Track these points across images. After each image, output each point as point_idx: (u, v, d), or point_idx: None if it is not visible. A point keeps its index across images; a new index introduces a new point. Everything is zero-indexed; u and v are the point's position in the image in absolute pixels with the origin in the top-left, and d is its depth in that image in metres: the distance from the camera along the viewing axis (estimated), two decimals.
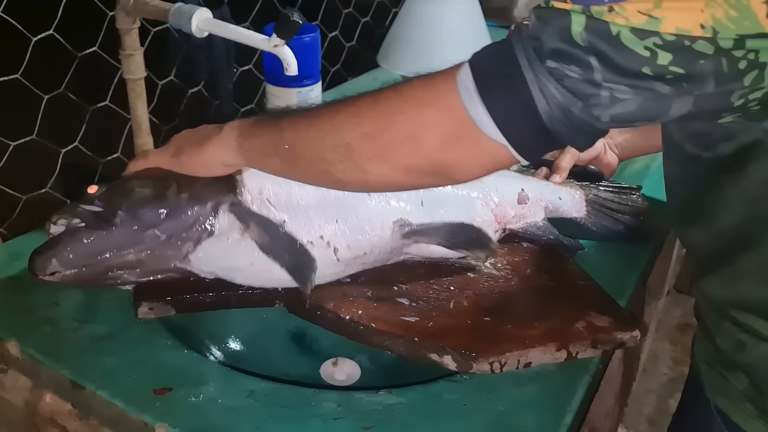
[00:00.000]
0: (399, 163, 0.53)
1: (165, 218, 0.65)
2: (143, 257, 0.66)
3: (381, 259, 0.76)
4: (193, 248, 0.67)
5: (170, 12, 0.84)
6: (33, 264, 0.64)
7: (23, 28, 0.86)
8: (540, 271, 0.79)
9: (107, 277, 0.66)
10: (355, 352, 0.77)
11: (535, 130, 0.47)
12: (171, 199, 0.66)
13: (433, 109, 0.50)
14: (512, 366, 0.66)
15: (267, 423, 0.61)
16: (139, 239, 0.65)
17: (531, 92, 0.46)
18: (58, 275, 0.64)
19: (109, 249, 0.64)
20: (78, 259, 0.64)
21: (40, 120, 0.91)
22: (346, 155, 0.54)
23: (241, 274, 0.70)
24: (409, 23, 1.37)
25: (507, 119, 0.47)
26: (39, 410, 0.69)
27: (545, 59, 0.45)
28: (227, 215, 0.68)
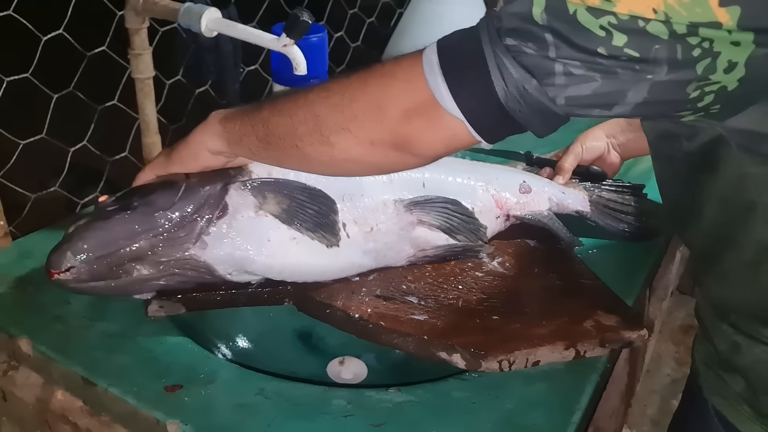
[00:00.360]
0: (363, 137, 0.55)
1: (176, 200, 0.66)
2: (158, 242, 0.66)
3: (390, 243, 0.75)
4: (207, 228, 0.67)
5: (179, 12, 0.84)
6: (48, 262, 0.64)
7: (33, 28, 0.86)
8: (547, 271, 0.79)
9: (122, 270, 0.65)
10: (362, 351, 0.77)
11: (492, 109, 0.48)
12: (180, 183, 0.68)
13: (398, 81, 0.52)
14: (521, 364, 0.66)
15: (277, 420, 0.61)
16: (152, 223, 0.65)
17: (489, 68, 0.47)
18: (74, 271, 0.63)
19: (123, 235, 0.65)
20: (93, 248, 0.64)
21: (50, 119, 0.92)
22: (315, 127, 0.57)
23: (258, 255, 0.69)
24: (414, 24, 1.37)
25: (465, 95, 0.49)
26: (50, 407, 0.69)
27: (504, 37, 0.46)
28: (239, 192, 0.68)
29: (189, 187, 0.67)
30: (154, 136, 1.00)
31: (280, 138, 0.60)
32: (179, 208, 0.66)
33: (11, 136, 0.87)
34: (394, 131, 0.53)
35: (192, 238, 0.67)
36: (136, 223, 0.65)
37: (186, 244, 0.67)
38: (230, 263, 0.69)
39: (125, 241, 0.65)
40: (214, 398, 0.63)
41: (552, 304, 0.73)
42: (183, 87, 1.12)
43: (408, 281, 0.76)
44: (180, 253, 0.67)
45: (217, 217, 0.68)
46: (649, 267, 0.86)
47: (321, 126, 0.56)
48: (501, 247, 0.83)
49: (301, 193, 0.69)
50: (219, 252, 0.68)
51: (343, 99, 0.55)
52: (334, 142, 0.56)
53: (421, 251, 0.77)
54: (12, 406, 0.73)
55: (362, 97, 0.54)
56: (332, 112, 0.56)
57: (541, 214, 0.85)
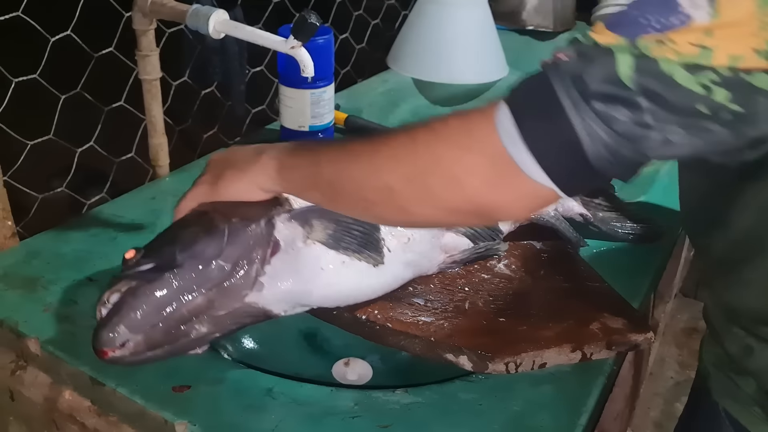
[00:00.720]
0: (442, 206, 0.53)
1: (225, 246, 0.61)
2: (213, 295, 0.60)
3: (424, 251, 0.74)
4: (261, 269, 0.62)
5: (187, 13, 0.84)
6: (99, 339, 0.57)
7: (42, 29, 0.87)
8: (553, 273, 0.79)
9: (180, 333, 0.60)
10: (367, 353, 0.77)
11: (581, 170, 0.46)
12: (223, 226, 0.62)
13: (474, 154, 0.49)
14: (527, 367, 0.66)
15: (285, 421, 0.61)
16: (204, 276, 0.60)
17: (577, 135, 0.44)
18: (129, 345, 0.57)
19: (176, 297, 0.59)
20: (147, 317, 0.57)
21: (57, 119, 0.92)
22: (388, 197, 0.54)
23: (315, 286, 0.65)
24: (419, 26, 1.38)
25: (552, 162, 0.46)
26: (58, 406, 0.69)
27: (591, 101, 0.43)
28: (286, 224, 0.65)
29: (233, 229, 0.62)
30: (160, 137, 1.00)
31: (349, 200, 0.58)
32: (230, 255, 0.61)
33: (19, 136, 0.88)
34: (475, 202, 0.51)
35: (249, 283, 0.62)
36: (186, 280, 0.59)
37: (244, 290, 0.62)
38: (288, 301, 0.65)
39: (179, 303, 0.59)
40: (222, 398, 0.63)
41: (558, 306, 0.73)
42: (189, 88, 1.13)
43: (414, 283, 0.76)
44: (239, 302, 0.62)
45: (270, 254, 0.63)
46: (654, 270, 0.86)
47: (394, 197, 0.54)
48: (507, 250, 0.83)
49: (345, 215, 0.65)
50: (277, 292, 0.63)
51: (416, 172, 0.52)
52: (412, 211, 0.54)
53: (449, 257, 0.78)
54: (20, 405, 0.73)
55: (437, 170, 0.51)
56: (406, 184, 0.53)
57: (548, 214, 0.86)
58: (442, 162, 0.51)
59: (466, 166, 0.50)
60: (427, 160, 0.52)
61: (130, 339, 0.57)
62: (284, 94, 1.06)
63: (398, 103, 1.33)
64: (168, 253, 0.60)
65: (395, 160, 0.54)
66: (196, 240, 0.61)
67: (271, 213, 0.65)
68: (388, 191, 0.54)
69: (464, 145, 0.50)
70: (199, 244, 0.60)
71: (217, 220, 0.62)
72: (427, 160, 0.52)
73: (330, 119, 1.10)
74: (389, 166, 0.54)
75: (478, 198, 0.51)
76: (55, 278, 0.78)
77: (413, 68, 1.38)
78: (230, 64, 1.13)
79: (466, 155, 0.50)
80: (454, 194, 0.51)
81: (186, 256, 0.60)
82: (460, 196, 0.51)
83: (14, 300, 0.74)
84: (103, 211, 0.91)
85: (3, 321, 0.72)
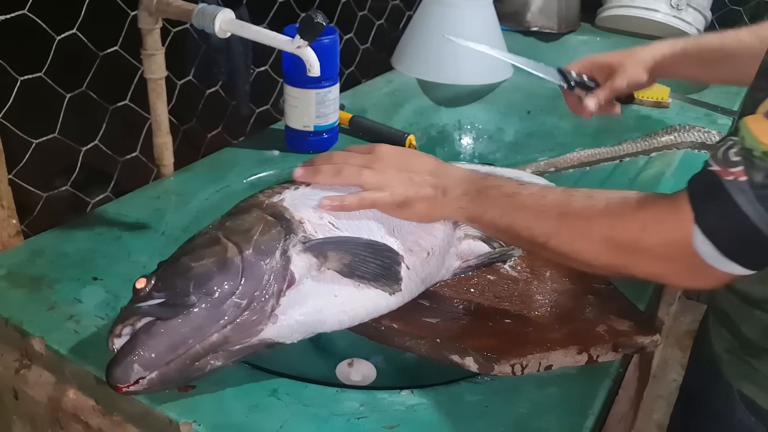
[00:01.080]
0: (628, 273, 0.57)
1: (241, 283, 0.59)
2: (228, 332, 0.59)
3: (441, 262, 0.74)
4: (276, 303, 0.61)
5: (193, 13, 0.84)
6: (112, 376, 0.57)
7: (48, 27, 0.86)
8: (559, 275, 0.79)
9: (194, 368, 0.59)
10: (371, 354, 0.77)
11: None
12: (238, 260, 0.61)
13: (674, 262, 0.53)
14: (533, 368, 0.66)
15: (290, 421, 0.61)
16: (219, 315, 0.58)
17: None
18: (143, 382, 0.57)
19: (191, 334, 0.58)
20: (161, 356, 0.57)
21: (62, 118, 0.92)
22: (577, 256, 0.59)
23: (329, 314, 0.65)
24: (424, 26, 1.37)
25: (755, 264, 0.50)
26: (62, 406, 0.69)
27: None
28: (300, 256, 0.63)
29: (248, 264, 0.61)
30: (165, 136, 1.00)
31: (541, 248, 0.62)
32: (246, 292, 0.59)
33: (24, 135, 0.87)
34: (652, 272, 0.56)
35: (265, 318, 0.61)
36: (201, 318, 0.58)
37: (259, 326, 0.61)
38: (302, 331, 0.64)
39: (195, 340, 0.58)
40: (227, 398, 0.63)
41: (565, 308, 0.73)
42: (194, 87, 1.13)
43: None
44: (254, 337, 0.61)
45: (286, 288, 0.62)
46: None
47: (582, 255, 0.59)
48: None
49: (364, 249, 0.65)
50: (292, 323, 0.62)
51: (615, 259, 0.57)
52: (598, 265, 0.59)
53: (464, 262, 0.77)
54: (23, 404, 0.73)
55: (637, 267, 0.56)
56: (598, 248, 0.57)
57: None
58: (641, 263, 0.55)
59: (665, 268, 0.54)
60: (626, 254, 0.56)
61: (143, 376, 0.57)
62: (289, 93, 1.06)
63: (402, 103, 1.33)
64: (181, 288, 0.59)
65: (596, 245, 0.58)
66: (211, 276, 0.59)
67: (287, 243, 0.63)
68: (576, 253, 0.59)
69: (669, 257, 0.53)
70: (215, 281, 0.59)
71: (231, 252, 0.61)
72: (627, 255, 0.56)
73: (335, 119, 1.10)
74: (593, 251, 0.58)
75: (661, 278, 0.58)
76: (59, 277, 0.78)
77: (418, 69, 1.38)
78: (235, 63, 1.13)
79: (665, 264, 0.54)
80: (644, 269, 0.56)
81: (201, 294, 0.58)
82: (646, 270, 0.56)
83: (19, 299, 0.74)
84: (107, 210, 0.91)
85: (7, 320, 0.71)
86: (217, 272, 0.60)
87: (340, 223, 0.68)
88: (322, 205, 0.67)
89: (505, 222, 0.63)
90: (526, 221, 0.61)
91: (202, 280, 0.59)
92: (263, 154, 1.08)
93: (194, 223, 0.91)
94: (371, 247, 0.66)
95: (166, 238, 0.87)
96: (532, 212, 0.61)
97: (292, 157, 1.08)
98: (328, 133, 1.10)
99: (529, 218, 0.61)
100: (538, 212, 0.61)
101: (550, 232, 0.60)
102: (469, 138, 1.33)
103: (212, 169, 1.03)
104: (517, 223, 0.62)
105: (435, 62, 1.35)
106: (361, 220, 0.69)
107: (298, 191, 0.70)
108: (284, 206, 0.68)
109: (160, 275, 0.61)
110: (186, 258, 0.62)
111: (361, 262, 0.65)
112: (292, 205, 0.68)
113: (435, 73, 1.36)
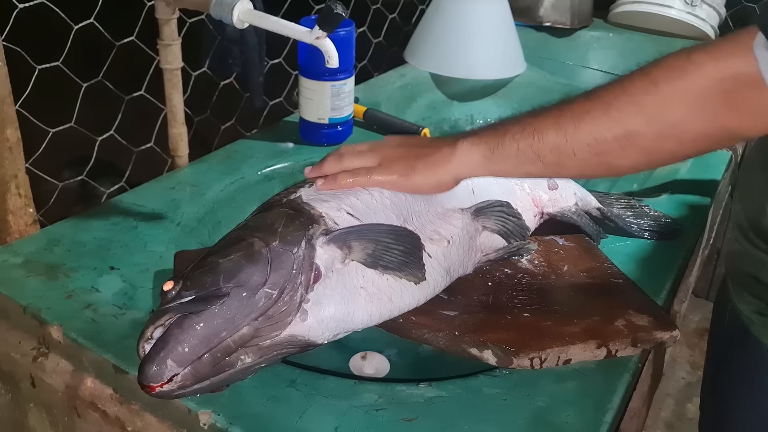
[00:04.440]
0: (688, 137, 0.56)
1: (270, 273, 0.60)
2: (259, 324, 0.59)
3: (463, 253, 0.73)
4: (305, 294, 0.61)
5: (211, 3, 0.84)
6: (146, 375, 0.55)
7: (66, 16, 0.86)
8: (577, 269, 0.79)
9: (226, 364, 0.58)
10: (384, 346, 0.77)
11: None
12: (265, 251, 0.61)
13: (727, 80, 0.53)
14: (552, 362, 0.66)
15: (309, 412, 0.61)
16: (251, 305, 0.58)
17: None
18: (177, 379, 0.56)
19: (223, 326, 0.57)
20: (194, 349, 0.56)
21: (78, 108, 0.92)
22: (629, 143, 0.57)
23: (357, 307, 0.64)
24: (437, 20, 1.37)
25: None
26: (80, 394, 0.69)
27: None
28: (325, 248, 0.64)
29: (276, 254, 0.61)
30: (180, 126, 1.00)
31: (580, 159, 0.60)
32: (276, 281, 0.59)
33: (41, 123, 0.87)
34: (723, 126, 0.55)
35: (294, 310, 0.61)
36: (233, 310, 0.58)
37: (289, 317, 0.60)
38: (333, 327, 0.63)
39: (227, 333, 0.57)
40: (246, 389, 0.63)
41: (583, 302, 0.73)
42: (209, 78, 1.13)
43: None
44: (284, 330, 0.60)
45: (313, 281, 0.62)
46: (677, 268, 0.86)
47: (638, 140, 0.57)
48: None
49: (386, 235, 0.65)
50: (321, 318, 0.62)
51: (659, 109, 0.56)
52: (654, 149, 0.57)
53: (484, 256, 0.77)
54: (41, 392, 0.73)
55: (684, 103, 0.55)
56: (649, 126, 0.56)
57: (569, 209, 0.86)
58: (689, 94, 0.54)
59: (717, 91, 0.53)
60: (671, 95, 0.55)
61: (177, 373, 0.56)
62: (304, 85, 1.06)
63: (415, 97, 1.33)
64: (211, 283, 0.59)
65: (636, 106, 0.56)
66: (240, 268, 0.59)
67: (310, 233, 0.64)
68: (627, 138, 0.57)
69: (715, 75, 0.53)
70: (244, 272, 0.59)
71: (257, 245, 0.61)
72: (671, 96, 0.55)
73: (349, 112, 1.10)
74: (629, 112, 0.57)
75: (725, 122, 0.54)
76: (76, 266, 0.78)
77: (430, 63, 1.37)
78: (249, 55, 1.13)
79: (718, 83, 0.53)
80: (702, 122, 0.55)
81: (232, 285, 0.58)
82: (708, 122, 0.54)
83: (36, 287, 0.74)
84: (122, 200, 0.91)
85: (26, 307, 0.72)
86: (246, 264, 0.60)
87: (359, 213, 0.68)
88: (308, 178, 0.71)
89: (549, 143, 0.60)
90: (589, 134, 0.58)
91: (232, 272, 0.59)
92: (277, 146, 1.08)
93: (209, 214, 0.91)
94: (393, 232, 0.67)
95: (182, 229, 0.87)
96: (592, 121, 0.58)
97: (306, 150, 1.08)
98: (342, 125, 1.09)
99: (595, 129, 0.58)
100: (599, 116, 0.58)
101: (629, 131, 0.57)
102: None
103: (227, 161, 1.03)
104: (577, 139, 0.59)
105: (448, 56, 1.35)
106: (379, 209, 0.69)
107: (312, 188, 0.71)
108: (303, 201, 0.69)
109: (187, 275, 0.61)
110: (213, 257, 0.62)
111: (384, 249, 0.65)
112: (310, 200, 0.69)
113: (448, 67, 1.36)
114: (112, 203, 0.90)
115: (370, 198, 0.70)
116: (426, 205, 0.72)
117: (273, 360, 0.62)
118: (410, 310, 0.69)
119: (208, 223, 0.90)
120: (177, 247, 0.81)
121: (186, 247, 0.82)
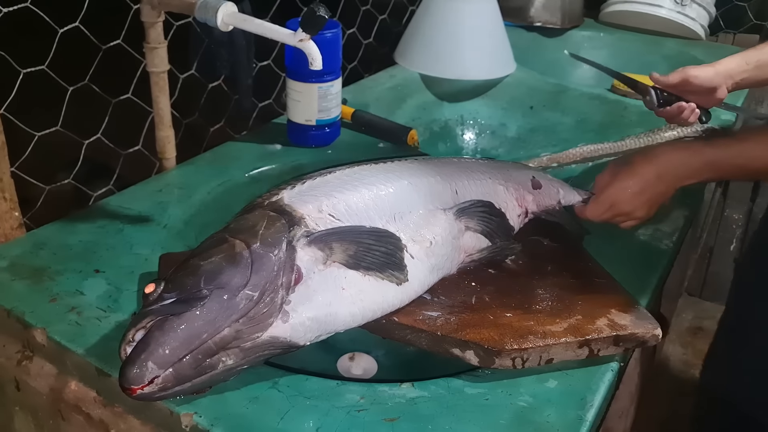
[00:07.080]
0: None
1: (251, 275, 0.60)
2: (240, 326, 0.59)
3: (446, 253, 0.74)
4: (287, 296, 0.61)
5: (196, 6, 0.84)
6: (126, 377, 0.55)
7: (50, 20, 0.87)
8: (561, 269, 0.79)
9: (207, 366, 0.58)
10: (372, 347, 0.77)
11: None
12: (246, 253, 0.61)
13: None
14: (534, 362, 0.66)
15: (291, 413, 0.61)
16: (232, 307, 0.58)
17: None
18: (158, 381, 0.55)
19: (204, 327, 0.57)
20: (175, 351, 0.56)
21: (65, 111, 0.92)
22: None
23: (339, 308, 0.64)
24: (427, 21, 1.37)
25: None
26: (64, 397, 0.69)
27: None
28: (306, 250, 0.64)
29: (257, 256, 0.61)
30: (167, 129, 1.00)
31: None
32: (257, 283, 0.59)
33: (27, 127, 0.87)
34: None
35: (275, 311, 0.60)
36: (213, 312, 0.58)
37: (270, 319, 0.60)
38: (315, 328, 0.63)
39: (208, 335, 0.57)
40: (228, 390, 0.63)
41: (565, 302, 0.73)
42: (196, 81, 1.13)
43: None
44: (265, 332, 0.60)
45: (294, 283, 0.62)
46: (663, 267, 0.86)
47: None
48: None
49: (368, 236, 0.66)
50: (303, 320, 0.62)
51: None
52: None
53: (468, 256, 0.78)
54: (25, 395, 0.73)
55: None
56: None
57: (553, 208, 0.87)
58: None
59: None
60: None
61: (158, 375, 0.55)
62: (291, 87, 1.06)
63: (405, 98, 1.33)
64: (192, 285, 0.59)
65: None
66: (221, 270, 0.60)
67: (291, 235, 0.64)
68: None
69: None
70: (225, 274, 0.59)
71: (238, 247, 0.62)
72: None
73: (337, 113, 1.10)
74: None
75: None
76: (61, 269, 0.78)
77: (420, 64, 1.37)
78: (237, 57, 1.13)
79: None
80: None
81: (212, 287, 0.58)
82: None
83: (21, 290, 0.74)
84: (109, 203, 0.91)
85: (10, 311, 0.72)
86: (227, 266, 0.60)
87: (340, 215, 0.69)
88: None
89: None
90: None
91: (212, 274, 0.59)
92: (265, 148, 1.08)
93: (196, 216, 0.92)
94: (374, 234, 0.67)
95: (168, 231, 0.87)
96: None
97: (293, 151, 1.08)
98: (330, 127, 1.10)
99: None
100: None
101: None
102: (472, 133, 1.33)
103: (214, 163, 1.03)
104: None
105: (438, 57, 1.35)
106: (361, 211, 0.70)
107: (294, 190, 0.72)
108: (284, 203, 0.69)
109: (169, 278, 0.61)
110: (195, 259, 0.62)
111: (365, 251, 0.65)
112: (291, 202, 0.69)
113: (438, 68, 1.36)
114: (99, 206, 0.91)
115: (351, 200, 0.70)
116: (408, 206, 0.73)
117: (255, 361, 0.61)
118: (393, 310, 0.69)
119: (195, 225, 0.90)
120: (163, 250, 0.81)
121: (172, 249, 0.82)
